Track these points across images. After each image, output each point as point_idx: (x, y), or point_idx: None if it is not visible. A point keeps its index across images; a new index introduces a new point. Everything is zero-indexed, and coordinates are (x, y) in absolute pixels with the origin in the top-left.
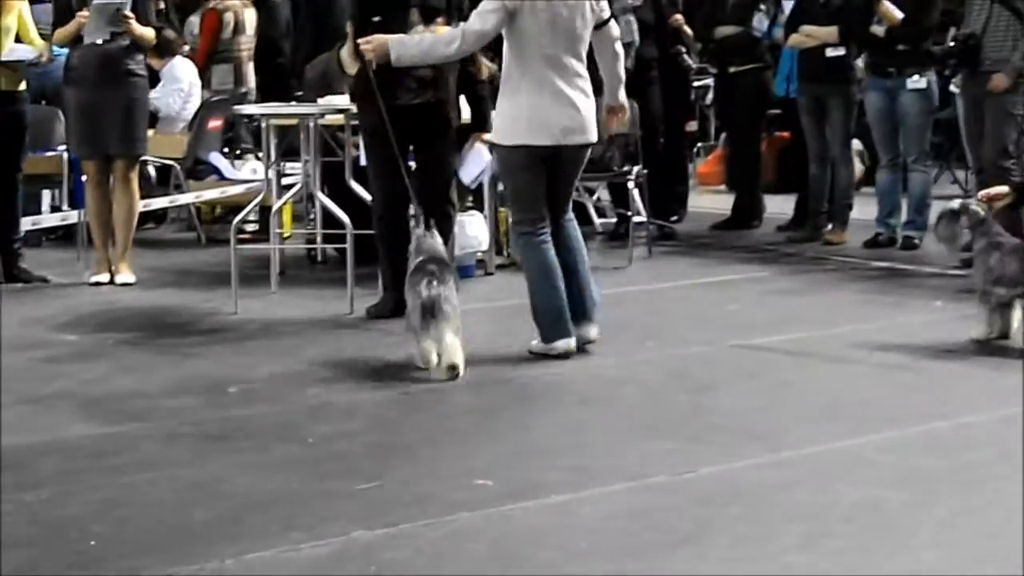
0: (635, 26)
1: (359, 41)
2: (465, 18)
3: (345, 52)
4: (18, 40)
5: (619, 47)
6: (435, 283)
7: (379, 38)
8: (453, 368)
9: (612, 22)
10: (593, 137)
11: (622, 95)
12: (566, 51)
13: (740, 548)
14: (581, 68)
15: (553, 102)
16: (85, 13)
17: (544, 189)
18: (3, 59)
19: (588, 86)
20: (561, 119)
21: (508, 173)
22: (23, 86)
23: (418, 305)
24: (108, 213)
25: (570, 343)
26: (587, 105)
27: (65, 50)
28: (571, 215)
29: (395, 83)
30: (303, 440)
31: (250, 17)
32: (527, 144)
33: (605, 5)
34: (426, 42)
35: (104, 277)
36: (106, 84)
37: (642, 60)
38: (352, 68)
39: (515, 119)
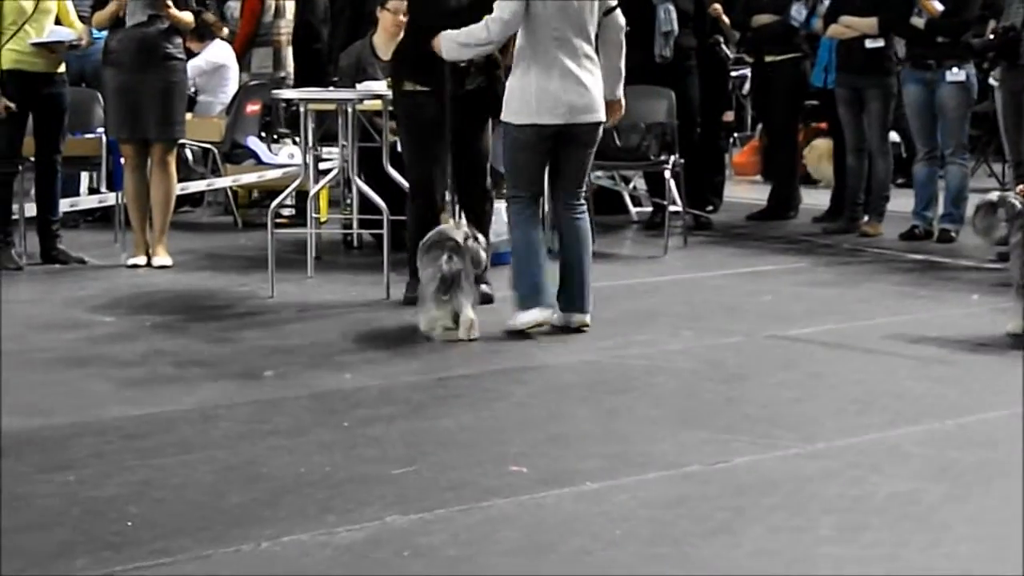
0: (674, 15)
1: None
2: None
3: (378, 38)
4: (58, 23)
5: (623, 38)
6: (455, 258)
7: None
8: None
9: (618, 11)
10: (602, 116)
11: (619, 91)
12: (576, 34)
13: (774, 538)
14: (590, 50)
15: (562, 82)
16: None
17: (544, 170)
18: (42, 41)
19: (597, 67)
20: (569, 98)
21: (514, 150)
22: (62, 68)
23: (436, 276)
24: (146, 196)
25: (542, 314)
26: (595, 84)
27: (104, 33)
28: (583, 207)
29: (444, 70)
30: (339, 424)
31: (290, 2)
32: (535, 123)
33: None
34: (461, 36)
35: (141, 260)
36: (144, 67)
37: (680, 49)
38: (386, 54)
39: (525, 99)
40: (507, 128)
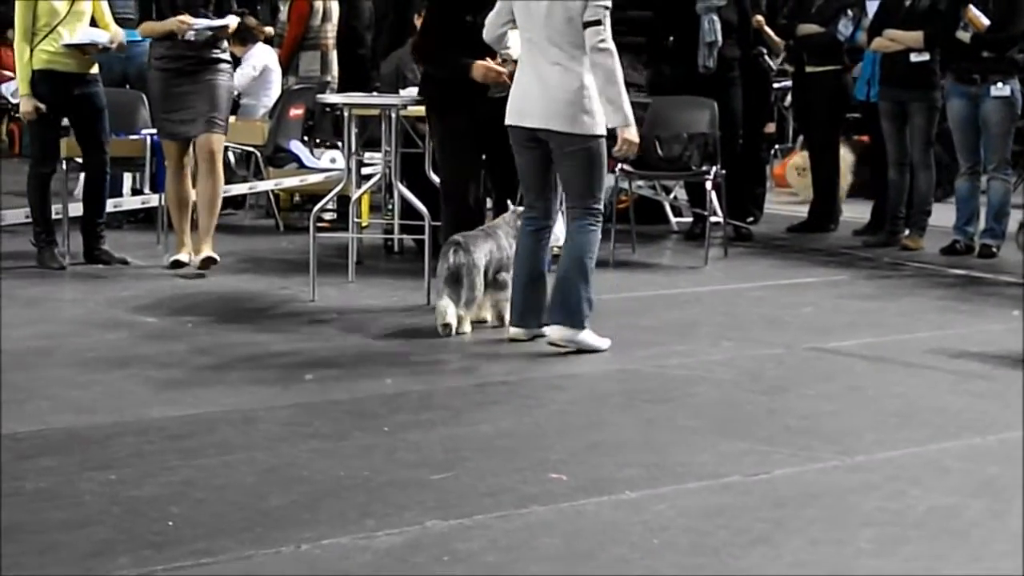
0: (718, 25)
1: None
2: None
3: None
4: (93, 24)
5: (603, 59)
6: (461, 252)
7: None
8: (454, 331)
9: (595, 28)
10: (574, 128)
11: (617, 119)
12: (547, 38)
13: (814, 550)
14: (562, 56)
15: (532, 86)
16: (188, 20)
17: (534, 177)
18: (75, 42)
19: (572, 76)
20: (538, 103)
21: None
22: (95, 69)
23: (444, 270)
24: (186, 196)
25: (515, 330)
26: (566, 94)
27: (138, 36)
28: (587, 221)
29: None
30: (378, 429)
31: (335, 5)
32: (511, 124)
33: (596, 9)
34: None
35: (184, 256)
36: (191, 69)
37: (724, 60)
38: None
39: (510, 101)
40: None
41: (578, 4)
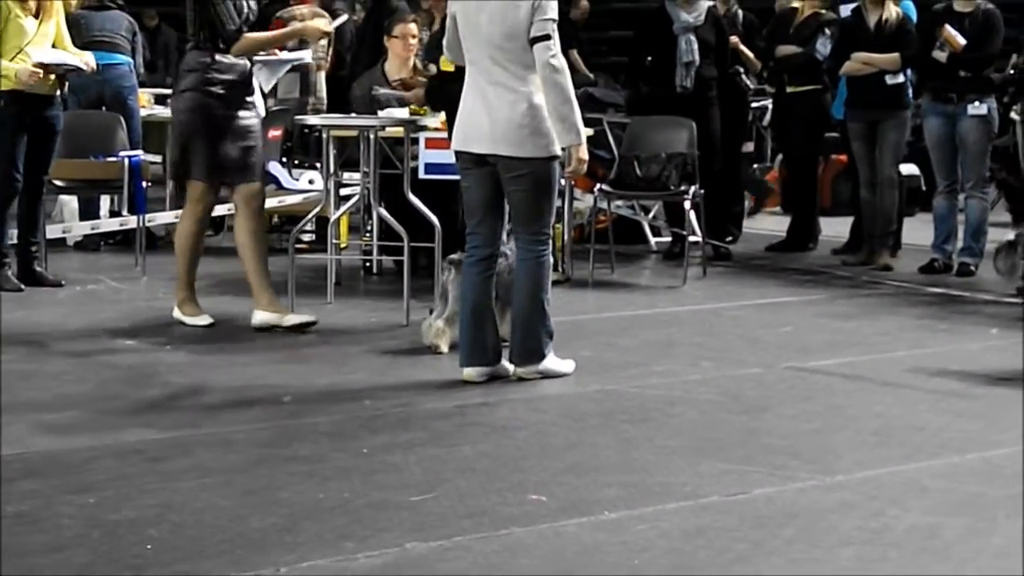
0: (695, 45)
1: None
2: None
3: (390, 64)
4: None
5: (554, 76)
6: (452, 269)
7: None
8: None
9: (544, 43)
10: (507, 150)
11: (570, 138)
12: (489, 58)
13: (794, 570)
14: (506, 76)
15: (477, 109)
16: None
17: (479, 202)
18: (49, 61)
19: (517, 97)
20: (484, 127)
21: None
22: (59, 92)
23: (439, 288)
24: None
25: (468, 371)
26: (504, 115)
27: (119, 60)
28: (532, 250)
29: None
30: (357, 450)
31: (322, 24)
32: (457, 149)
33: (543, 24)
34: None
35: (200, 319)
36: (241, 104)
37: (702, 80)
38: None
39: (456, 124)
40: None
41: (522, 21)
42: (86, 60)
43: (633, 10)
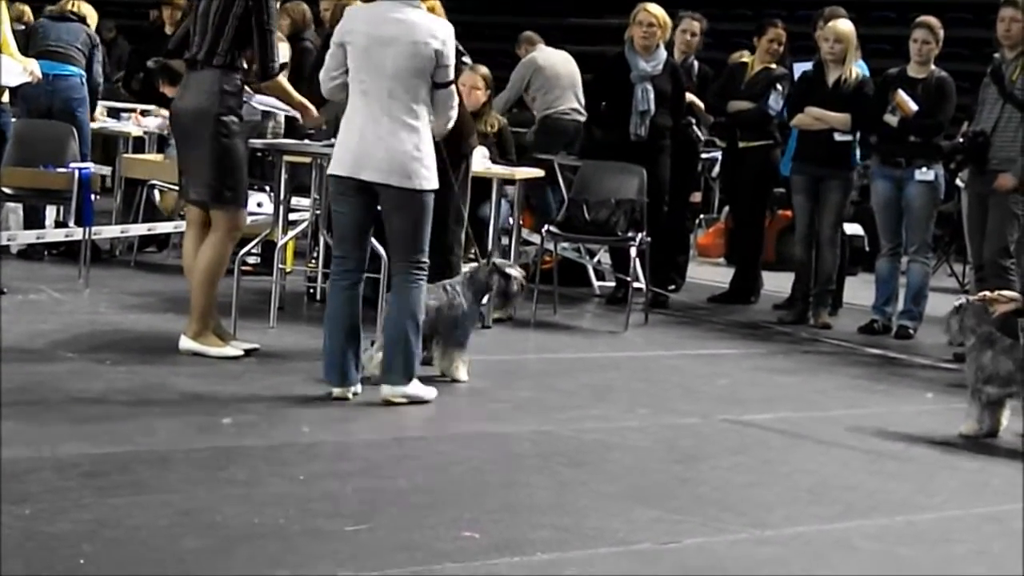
0: (652, 95)
1: None
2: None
3: None
4: None
5: (450, 122)
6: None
7: None
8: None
9: (448, 90)
10: (401, 182)
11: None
12: (387, 91)
13: None
14: (399, 109)
15: (357, 136)
16: None
17: (355, 228)
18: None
19: (409, 131)
20: (377, 157)
21: (331, 204)
22: (6, 98)
23: None
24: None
25: (339, 391)
26: (398, 147)
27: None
28: (410, 277)
29: None
30: (294, 477)
31: (284, 51)
32: (331, 173)
33: (444, 71)
34: None
35: (225, 349)
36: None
37: (656, 128)
38: None
39: (335, 149)
40: None
41: (428, 64)
42: (31, 69)
43: (592, 53)
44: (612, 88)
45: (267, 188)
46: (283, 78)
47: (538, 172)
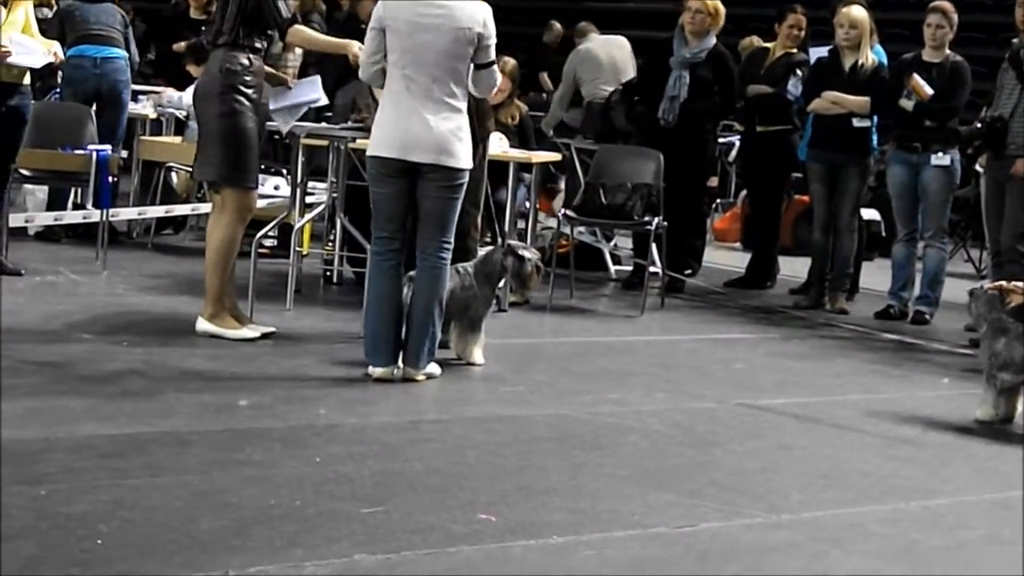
0: (686, 80)
1: None
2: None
3: None
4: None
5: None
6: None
7: None
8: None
9: (490, 69)
10: (448, 161)
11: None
12: (431, 76)
13: None
14: (442, 91)
15: (404, 119)
16: None
17: (401, 208)
18: (15, 63)
19: (452, 112)
20: (425, 139)
21: (370, 185)
22: (26, 79)
23: None
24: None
25: (384, 371)
26: (444, 128)
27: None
28: (438, 258)
29: None
30: (310, 459)
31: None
32: (376, 155)
33: (486, 52)
34: None
35: (242, 331)
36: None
37: (687, 114)
38: None
39: (375, 132)
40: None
41: (470, 49)
42: (54, 51)
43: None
44: (654, 73)
45: (284, 171)
46: (302, 27)
47: (555, 156)
